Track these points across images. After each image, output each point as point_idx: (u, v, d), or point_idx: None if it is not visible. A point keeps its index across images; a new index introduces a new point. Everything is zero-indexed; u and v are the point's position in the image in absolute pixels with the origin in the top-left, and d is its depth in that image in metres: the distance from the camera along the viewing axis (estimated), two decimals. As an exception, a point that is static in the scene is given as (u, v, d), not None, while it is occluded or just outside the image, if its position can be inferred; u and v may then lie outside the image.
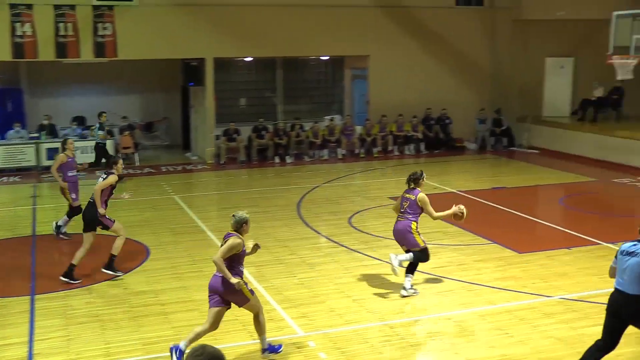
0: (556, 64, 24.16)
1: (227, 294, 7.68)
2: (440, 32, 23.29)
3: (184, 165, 20.81)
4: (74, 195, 12.84)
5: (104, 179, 10.62)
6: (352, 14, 22.23)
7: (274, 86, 23.67)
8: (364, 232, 13.35)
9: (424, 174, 10.15)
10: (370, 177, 19.09)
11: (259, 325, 7.95)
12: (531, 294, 10.14)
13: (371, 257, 11.87)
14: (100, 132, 18.41)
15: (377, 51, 22.73)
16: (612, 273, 7.22)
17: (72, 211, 12.93)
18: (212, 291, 7.75)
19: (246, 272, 8.78)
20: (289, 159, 21.37)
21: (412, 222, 9.88)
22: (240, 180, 19.18)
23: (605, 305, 7.20)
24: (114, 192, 10.83)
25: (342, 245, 12.51)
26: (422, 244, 9.95)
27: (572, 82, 24.21)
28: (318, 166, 20.52)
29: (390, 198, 16.23)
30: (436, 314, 9.52)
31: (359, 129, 22.63)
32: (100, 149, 18.45)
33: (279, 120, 22.77)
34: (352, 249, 12.29)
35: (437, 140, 23.14)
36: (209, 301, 7.80)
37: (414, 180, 10.05)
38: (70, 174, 12.81)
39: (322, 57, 23.88)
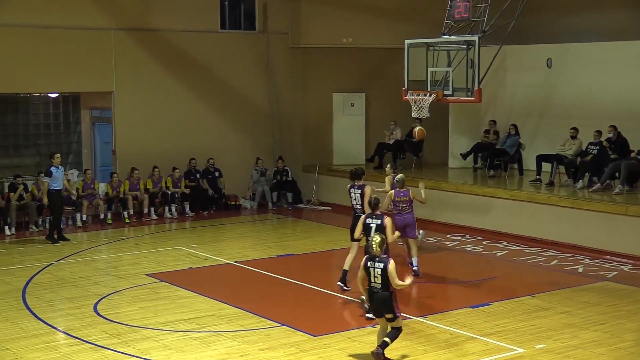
0: (346, 100, 25.23)
1: (411, 228, 15.66)
2: (204, 62, 23.56)
3: None
4: None
5: (362, 193, 14.31)
6: (88, 39, 21.85)
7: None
8: (115, 321, 12.97)
9: None
10: (121, 250, 18.69)
11: (411, 250, 15.81)
12: (333, 387, 10.26)
13: (126, 353, 11.50)
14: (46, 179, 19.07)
15: (123, 87, 22.49)
16: None
17: None
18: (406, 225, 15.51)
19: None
20: (8, 231, 20.30)
21: None
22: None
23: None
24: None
25: (86, 342, 12.04)
26: None
27: (365, 122, 25.39)
28: (49, 238, 19.73)
29: (148, 275, 15.86)
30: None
31: (103, 187, 22.14)
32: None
33: (-8, 179, 21.73)
34: (99, 346, 11.86)
35: (205, 198, 23.19)
36: (407, 234, 15.53)
37: None
38: None
39: (50, 95, 23.17)
